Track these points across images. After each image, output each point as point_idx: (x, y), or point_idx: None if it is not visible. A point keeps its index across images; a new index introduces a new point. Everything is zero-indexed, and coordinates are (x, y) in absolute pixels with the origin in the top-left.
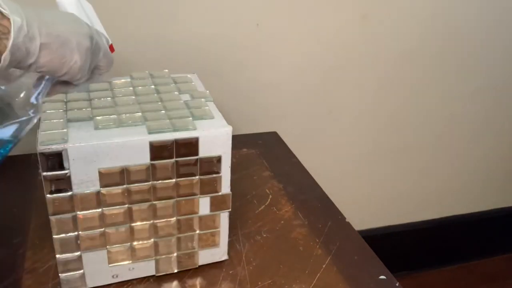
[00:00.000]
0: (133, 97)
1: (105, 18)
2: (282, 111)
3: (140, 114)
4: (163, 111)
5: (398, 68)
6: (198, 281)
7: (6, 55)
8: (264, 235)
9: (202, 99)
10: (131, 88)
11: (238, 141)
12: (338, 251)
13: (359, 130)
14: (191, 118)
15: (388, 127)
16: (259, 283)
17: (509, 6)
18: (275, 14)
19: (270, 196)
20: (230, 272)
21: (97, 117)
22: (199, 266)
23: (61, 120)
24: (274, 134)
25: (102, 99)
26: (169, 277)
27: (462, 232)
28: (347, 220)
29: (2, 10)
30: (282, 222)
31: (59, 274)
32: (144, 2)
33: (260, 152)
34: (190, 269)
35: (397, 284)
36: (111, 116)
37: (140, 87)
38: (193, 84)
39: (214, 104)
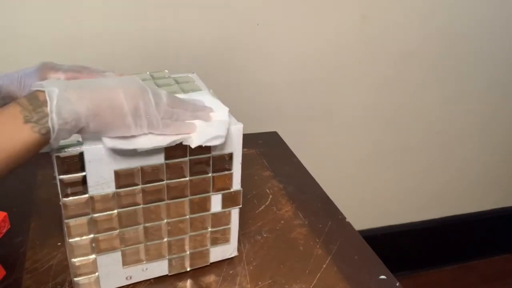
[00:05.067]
0: None
1: (105, 18)
2: (282, 111)
3: None
4: None
5: (398, 68)
6: (198, 281)
7: (52, 120)
8: (265, 235)
9: None
10: None
11: None
12: (338, 251)
13: (359, 130)
14: None
15: (388, 127)
16: (260, 282)
17: (509, 6)
18: (275, 14)
19: (271, 196)
20: (231, 272)
21: None
22: (197, 266)
23: None
24: (274, 134)
25: None
26: (167, 278)
27: (462, 232)
28: (347, 220)
29: (38, 88)
30: (283, 222)
31: (73, 279)
32: (144, 2)
33: (260, 152)
34: (190, 270)
35: (397, 284)
36: None
37: None
38: (196, 84)
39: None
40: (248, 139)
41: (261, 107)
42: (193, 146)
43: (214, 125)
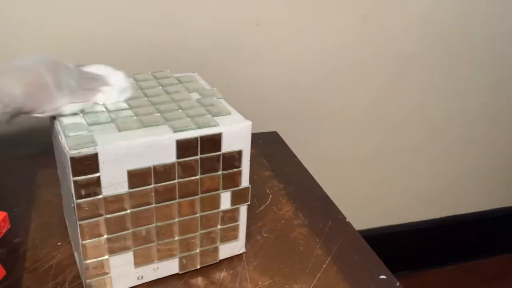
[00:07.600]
0: (145, 98)
1: (105, 18)
2: (282, 111)
3: (158, 114)
4: (180, 110)
5: (399, 68)
6: (198, 281)
7: None
8: (265, 235)
9: (214, 97)
10: (139, 90)
11: None
12: (338, 251)
13: (359, 130)
14: (209, 115)
15: (389, 127)
16: (260, 282)
17: (510, 6)
18: (275, 14)
19: (271, 196)
20: (231, 271)
21: (118, 119)
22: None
23: (84, 124)
24: (274, 134)
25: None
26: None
27: (462, 232)
28: (347, 220)
29: None
30: (283, 222)
31: (86, 280)
32: (144, 2)
33: (260, 152)
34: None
35: (397, 284)
36: (131, 118)
37: (148, 89)
38: (199, 83)
39: (225, 101)
40: None
41: (261, 107)
42: (108, 102)
43: (118, 88)
